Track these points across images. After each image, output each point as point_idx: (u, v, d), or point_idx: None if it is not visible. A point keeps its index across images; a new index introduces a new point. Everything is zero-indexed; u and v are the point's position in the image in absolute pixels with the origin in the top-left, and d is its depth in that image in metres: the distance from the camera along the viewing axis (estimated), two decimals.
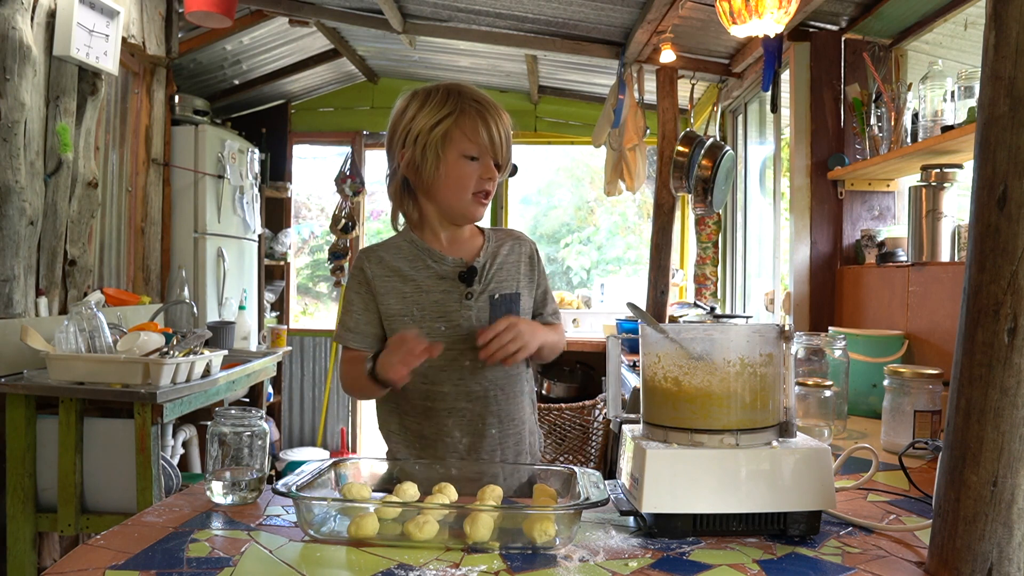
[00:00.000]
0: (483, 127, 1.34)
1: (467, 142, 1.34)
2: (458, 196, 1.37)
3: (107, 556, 0.91)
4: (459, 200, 1.37)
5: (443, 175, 1.35)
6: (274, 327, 4.24)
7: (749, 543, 0.98)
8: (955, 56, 2.48)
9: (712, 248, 4.45)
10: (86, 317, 2.37)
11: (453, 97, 1.35)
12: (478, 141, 1.34)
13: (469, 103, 1.35)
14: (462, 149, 1.34)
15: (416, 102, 1.36)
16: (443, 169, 1.35)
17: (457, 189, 1.36)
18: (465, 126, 1.34)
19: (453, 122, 1.33)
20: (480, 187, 1.36)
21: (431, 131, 1.34)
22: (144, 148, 3.51)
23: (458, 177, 1.35)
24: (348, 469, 1.19)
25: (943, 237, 2.07)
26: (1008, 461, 0.81)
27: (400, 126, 1.37)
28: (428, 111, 1.34)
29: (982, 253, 0.84)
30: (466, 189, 1.36)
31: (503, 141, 1.37)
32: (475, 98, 1.36)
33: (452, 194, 1.37)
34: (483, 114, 1.34)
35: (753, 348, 1.02)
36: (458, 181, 1.35)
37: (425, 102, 1.35)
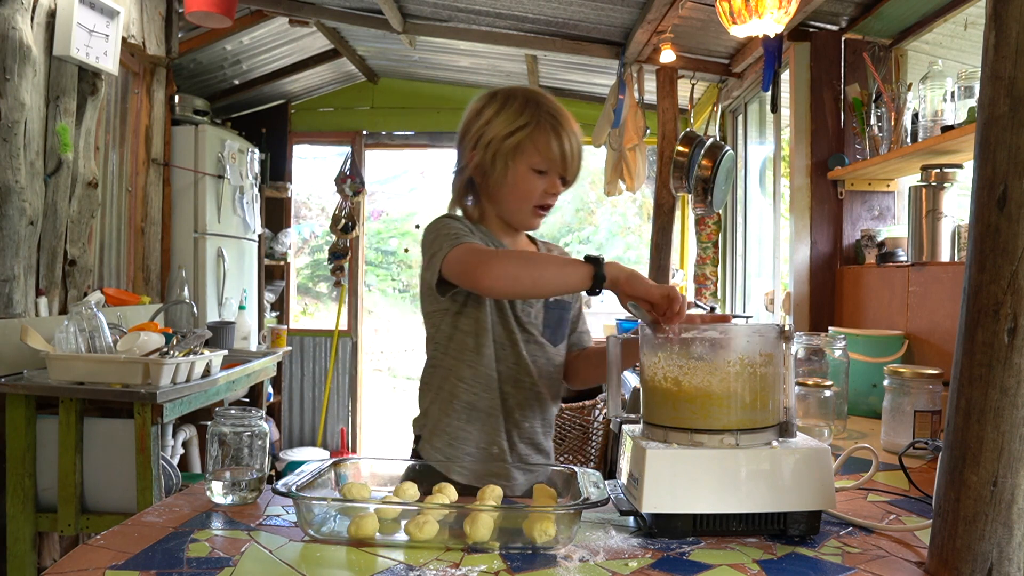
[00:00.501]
0: (556, 142, 1.32)
1: (538, 156, 1.33)
2: (519, 206, 1.37)
3: (107, 556, 0.91)
4: (519, 210, 1.38)
5: (509, 184, 1.35)
6: (274, 327, 4.24)
7: (749, 543, 0.98)
8: (955, 56, 2.48)
9: (712, 248, 4.44)
10: (86, 317, 2.37)
11: (531, 107, 1.34)
12: (549, 156, 1.33)
13: (545, 116, 1.33)
14: (532, 163, 1.34)
15: (493, 106, 1.35)
16: (510, 178, 1.35)
17: (520, 200, 1.36)
18: (538, 140, 1.32)
19: (527, 135, 1.32)
20: (542, 200, 1.36)
21: (504, 140, 1.33)
22: (144, 148, 3.51)
23: (524, 189, 1.35)
24: (348, 469, 1.19)
25: (943, 237, 2.07)
26: (1008, 461, 0.81)
27: (474, 128, 1.36)
28: (504, 118, 1.34)
29: (982, 253, 0.84)
30: (529, 201, 1.36)
31: (574, 157, 1.35)
32: (551, 111, 1.34)
33: (514, 203, 1.37)
34: (557, 129, 1.33)
35: (753, 348, 1.02)
36: (523, 192, 1.35)
37: (502, 108, 1.35)
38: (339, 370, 5.18)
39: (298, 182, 5.34)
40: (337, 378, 5.17)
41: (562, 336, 1.44)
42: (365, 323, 5.41)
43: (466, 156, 1.38)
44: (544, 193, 1.36)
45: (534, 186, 1.35)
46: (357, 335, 5.23)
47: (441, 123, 5.16)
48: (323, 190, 6.90)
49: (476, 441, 1.36)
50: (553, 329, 1.40)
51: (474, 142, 1.36)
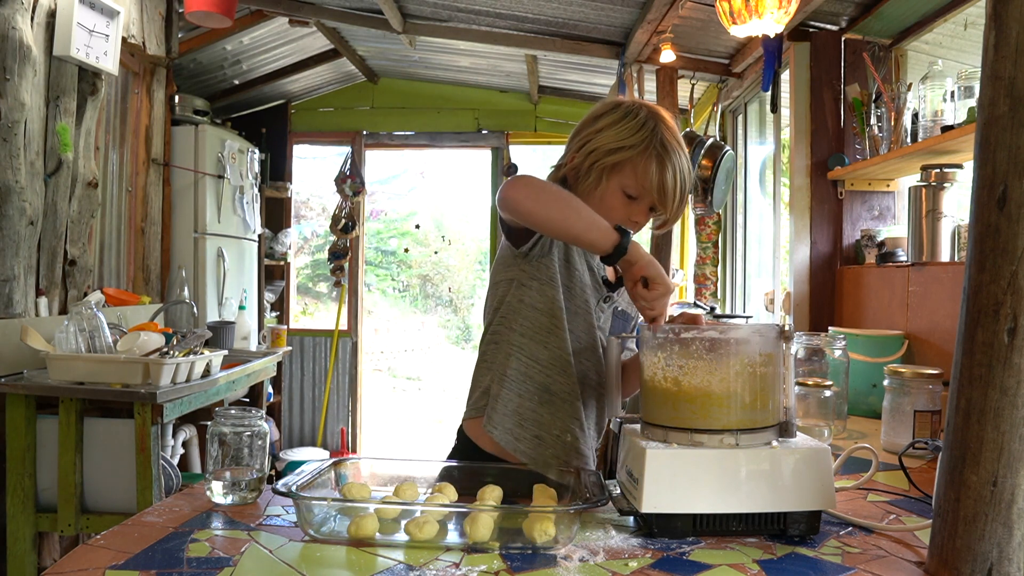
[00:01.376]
0: (657, 172, 1.26)
1: (633, 180, 1.28)
2: None
3: (107, 556, 0.91)
4: None
5: (596, 196, 1.30)
6: (274, 327, 4.23)
7: (749, 543, 0.98)
8: (955, 56, 2.48)
9: (712, 248, 4.44)
10: (86, 317, 2.37)
11: (647, 130, 1.27)
12: (645, 184, 1.27)
13: (657, 143, 1.27)
14: (625, 184, 1.29)
15: (612, 116, 1.31)
16: (599, 192, 1.31)
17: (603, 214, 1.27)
18: (638, 165, 1.27)
19: (630, 156, 1.27)
20: (624, 222, 1.28)
21: (607, 154, 1.29)
22: (144, 148, 3.51)
23: (609, 207, 1.29)
24: (348, 469, 1.19)
25: (943, 237, 2.07)
26: (1008, 461, 0.81)
27: (585, 131, 1.32)
28: (615, 131, 1.29)
29: (982, 253, 0.84)
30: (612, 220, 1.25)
31: (673, 192, 1.28)
32: (665, 140, 1.27)
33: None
34: (663, 159, 1.26)
35: (753, 348, 1.02)
36: (608, 210, 1.27)
37: (619, 121, 1.30)
38: (339, 370, 5.18)
39: (298, 182, 5.34)
40: (337, 378, 5.17)
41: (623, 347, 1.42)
42: (365, 323, 5.41)
43: (569, 155, 1.35)
44: (628, 219, 1.30)
45: (618, 206, 1.30)
46: (357, 335, 5.23)
47: (441, 123, 5.17)
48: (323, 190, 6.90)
49: (549, 426, 1.31)
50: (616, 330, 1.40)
51: (580, 144, 1.32)
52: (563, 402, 1.31)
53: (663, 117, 1.31)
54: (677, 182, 1.28)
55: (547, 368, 1.31)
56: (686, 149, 1.30)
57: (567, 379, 1.31)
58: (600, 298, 1.37)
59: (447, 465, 1.23)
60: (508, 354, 1.32)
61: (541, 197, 1.17)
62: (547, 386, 1.31)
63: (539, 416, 1.30)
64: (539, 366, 1.31)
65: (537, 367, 1.31)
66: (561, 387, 1.31)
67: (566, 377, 1.31)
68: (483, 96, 5.12)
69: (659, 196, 1.28)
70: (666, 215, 1.32)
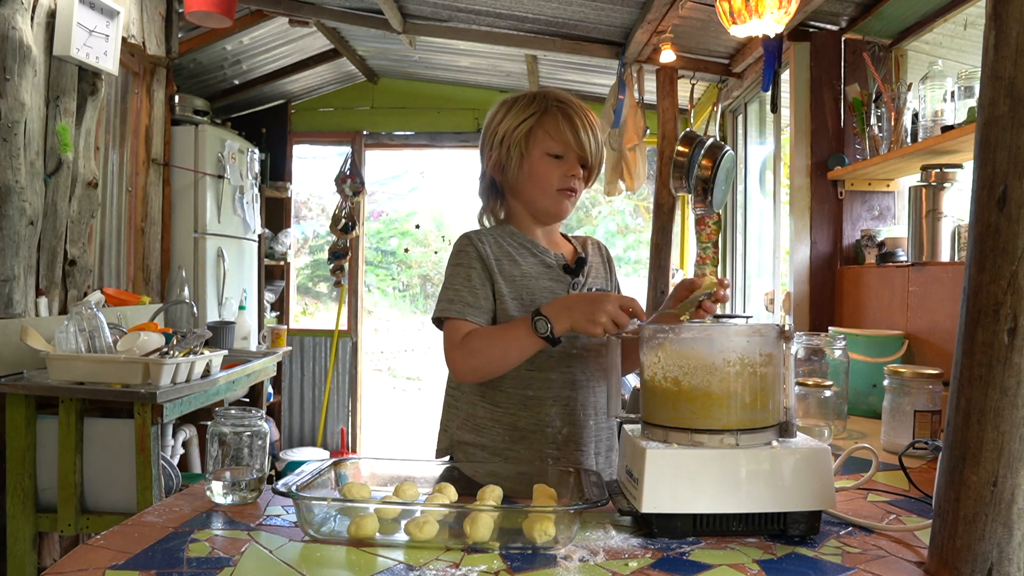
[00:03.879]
0: (567, 125, 1.34)
1: (550, 140, 1.35)
2: (543, 192, 1.38)
3: (107, 556, 0.91)
4: (543, 196, 1.38)
5: (527, 173, 1.37)
6: (274, 327, 4.23)
7: (749, 543, 0.98)
8: (955, 56, 2.48)
9: (712, 248, 4.44)
10: (86, 317, 2.37)
11: (539, 99, 1.38)
12: (561, 139, 1.35)
13: (553, 103, 1.36)
14: (545, 147, 1.36)
15: (505, 107, 1.40)
16: (527, 167, 1.37)
17: (540, 187, 1.38)
18: (548, 124, 1.35)
19: (536, 121, 1.36)
20: (564, 184, 1.37)
21: (515, 130, 1.36)
22: (144, 148, 3.51)
23: (542, 174, 1.37)
24: (348, 469, 1.19)
25: (943, 237, 2.07)
26: (1008, 461, 0.81)
27: (489, 131, 1.41)
28: (514, 113, 1.38)
29: (982, 253, 0.84)
30: (550, 186, 1.37)
31: (589, 140, 1.36)
32: (560, 99, 1.37)
33: (537, 191, 1.38)
34: (567, 112, 1.35)
35: (753, 348, 1.02)
36: (542, 178, 1.37)
37: (512, 106, 1.39)
38: (339, 370, 5.18)
39: (298, 182, 5.34)
40: (337, 378, 5.17)
41: None
42: (365, 323, 5.41)
43: (485, 159, 1.42)
44: (564, 176, 1.36)
45: (551, 169, 1.36)
46: (357, 335, 5.23)
47: (441, 123, 5.17)
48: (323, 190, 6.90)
49: (527, 460, 1.33)
50: None
51: (491, 142, 1.40)
52: (532, 434, 1.34)
53: (553, 89, 1.42)
54: (587, 127, 1.35)
55: (509, 408, 1.34)
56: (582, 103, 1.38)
57: (530, 412, 1.34)
58: (568, 285, 1.39)
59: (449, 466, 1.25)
60: (472, 402, 1.37)
61: (476, 356, 1.27)
62: (514, 424, 1.34)
63: (515, 453, 1.34)
64: (500, 408, 1.35)
65: (499, 410, 1.35)
66: (527, 422, 1.33)
67: (528, 411, 1.34)
68: (483, 96, 5.12)
69: (576, 143, 1.35)
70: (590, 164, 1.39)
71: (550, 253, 1.40)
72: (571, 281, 1.39)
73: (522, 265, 1.37)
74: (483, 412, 1.36)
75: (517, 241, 1.39)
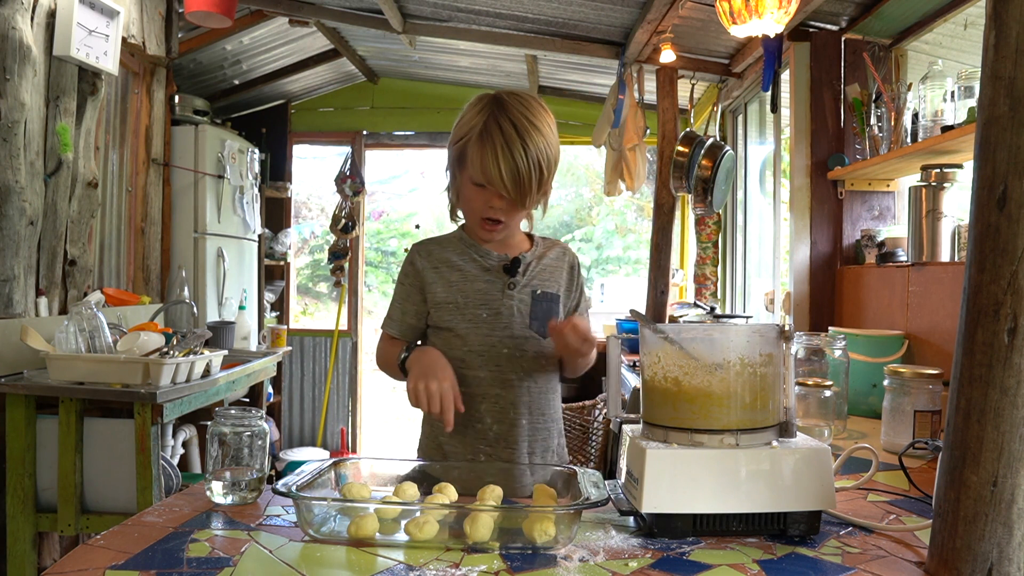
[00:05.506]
0: (489, 154, 1.25)
1: (475, 169, 1.28)
2: (468, 217, 1.39)
3: (107, 556, 0.91)
4: (470, 219, 1.39)
5: (458, 192, 1.38)
6: (274, 327, 4.24)
7: (749, 543, 0.98)
8: (955, 56, 2.48)
9: (712, 248, 4.44)
10: (86, 317, 2.37)
11: (484, 113, 1.28)
12: (482, 169, 1.26)
13: (493, 126, 1.25)
14: (470, 174, 1.30)
15: (460, 115, 1.34)
16: (458, 187, 1.38)
17: (467, 211, 1.38)
18: (473, 150, 1.28)
19: (469, 143, 1.29)
20: (485, 213, 1.32)
21: (454, 145, 1.33)
22: (144, 148, 3.51)
23: (467, 199, 1.35)
24: (348, 469, 1.19)
25: (943, 237, 2.07)
26: (1008, 461, 0.81)
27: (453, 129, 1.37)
28: (463, 121, 1.32)
29: (982, 253, 0.84)
30: (474, 213, 1.35)
31: (516, 177, 1.25)
32: (502, 121, 1.25)
33: (466, 213, 1.39)
34: (492, 139, 1.25)
35: (753, 348, 1.02)
36: (467, 203, 1.35)
37: (465, 112, 1.33)
38: (339, 370, 5.18)
39: (298, 182, 5.34)
40: (337, 378, 5.17)
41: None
42: (365, 323, 5.41)
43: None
44: (484, 206, 1.31)
45: (473, 197, 1.32)
46: (357, 335, 5.23)
47: (441, 123, 5.16)
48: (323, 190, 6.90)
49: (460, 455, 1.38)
50: (541, 321, 1.38)
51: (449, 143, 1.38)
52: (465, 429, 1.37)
53: (512, 97, 1.30)
54: (519, 163, 1.24)
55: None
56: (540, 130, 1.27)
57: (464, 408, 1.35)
58: (504, 284, 1.38)
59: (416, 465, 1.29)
60: None
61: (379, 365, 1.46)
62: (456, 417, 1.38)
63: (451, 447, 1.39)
64: None
65: None
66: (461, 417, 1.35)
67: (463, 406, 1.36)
68: None
69: (496, 176, 1.25)
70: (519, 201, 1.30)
71: (493, 255, 1.39)
72: (507, 280, 1.38)
73: (462, 269, 1.39)
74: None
75: (464, 245, 1.41)
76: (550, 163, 1.29)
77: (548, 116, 1.32)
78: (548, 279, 1.42)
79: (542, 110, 1.31)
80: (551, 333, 1.30)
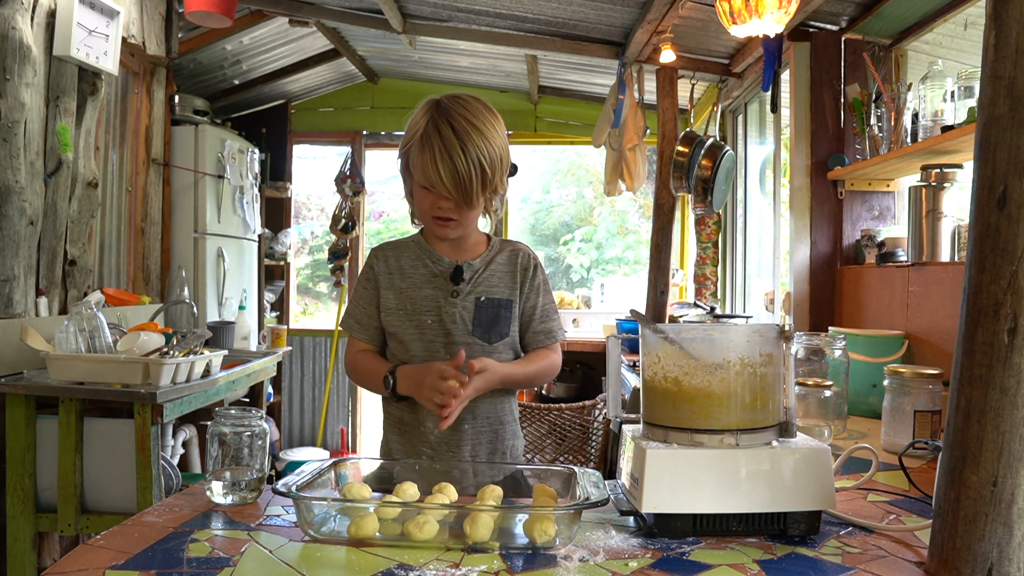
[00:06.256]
0: (429, 158, 1.28)
1: (417, 172, 1.33)
2: (421, 216, 1.41)
3: (107, 556, 0.91)
4: (423, 220, 1.42)
5: (412, 195, 1.41)
6: (274, 327, 4.24)
7: (749, 543, 0.98)
8: (955, 56, 2.48)
9: (712, 248, 4.44)
10: (86, 317, 2.37)
11: (426, 117, 1.32)
12: (424, 172, 1.31)
13: (432, 130, 1.29)
14: (417, 177, 1.34)
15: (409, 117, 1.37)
16: (409, 189, 1.41)
17: (419, 211, 1.41)
18: (415, 154, 1.32)
19: (412, 147, 1.33)
20: (435, 213, 1.35)
21: (403, 147, 1.37)
22: (144, 148, 3.51)
23: (418, 201, 1.38)
24: (348, 469, 1.19)
25: (943, 237, 2.07)
26: (1008, 461, 0.81)
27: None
28: (408, 125, 1.35)
29: (982, 253, 0.84)
30: (424, 213, 1.38)
31: (458, 178, 1.28)
32: (440, 125, 1.29)
33: (418, 213, 1.42)
34: (434, 148, 1.28)
35: (753, 348, 1.02)
36: (419, 204, 1.39)
37: (414, 113, 1.35)
38: (339, 370, 5.18)
39: (298, 182, 5.34)
40: (337, 378, 5.17)
41: (499, 335, 1.40)
42: None
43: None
44: (432, 210, 1.35)
45: (423, 199, 1.36)
46: None
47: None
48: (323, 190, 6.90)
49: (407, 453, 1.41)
50: (485, 328, 1.39)
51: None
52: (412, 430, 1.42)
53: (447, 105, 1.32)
54: (459, 167, 1.27)
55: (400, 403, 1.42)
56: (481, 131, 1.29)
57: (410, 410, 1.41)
58: (448, 292, 1.40)
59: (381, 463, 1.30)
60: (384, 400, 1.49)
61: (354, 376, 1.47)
62: (400, 418, 1.44)
63: (399, 446, 1.44)
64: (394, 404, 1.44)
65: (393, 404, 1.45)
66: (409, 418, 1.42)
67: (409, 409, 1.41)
68: (483, 96, 5.10)
69: (436, 179, 1.29)
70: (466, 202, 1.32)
71: (444, 262, 1.41)
72: (451, 288, 1.40)
73: (411, 276, 1.42)
74: (385, 405, 1.48)
75: (419, 251, 1.44)
76: (493, 162, 1.31)
77: (492, 117, 1.35)
78: (496, 284, 1.42)
79: (485, 111, 1.34)
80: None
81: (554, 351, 1.47)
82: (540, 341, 1.45)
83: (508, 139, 1.40)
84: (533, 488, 1.13)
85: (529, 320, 1.45)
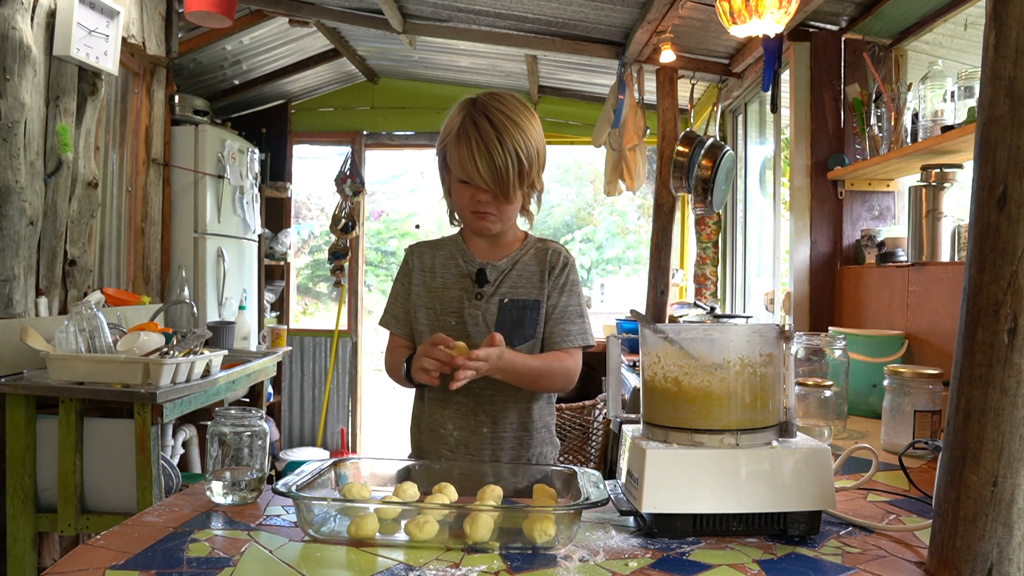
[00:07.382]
0: (466, 151, 1.29)
1: (456, 166, 1.34)
2: (461, 213, 1.41)
3: (107, 556, 0.91)
4: (463, 216, 1.41)
5: (451, 192, 1.41)
6: (274, 327, 4.23)
7: (749, 543, 0.98)
8: (955, 56, 2.48)
9: (712, 248, 4.44)
10: (86, 317, 2.37)
11: (463, 113, 1.33)
12: (463, 166, 1.31)
13: (469, 124, 1.30)
14: (456, 172, 1.35)
15: (446, 116, 1.38)
16: (449, 187, 1.41)
17: (459, 207, 1.40)
18: (453, 149, 1.33)
19: (449, 143, 1.35)
20: (474, 208, 1.36)
21: (440, 144, 1.38)
22: (144, 148, 3.51)
23: (457, 197, 1.39)
24: (348, 469, 1.19)
25: (943, 237, 2.07)
26: (1008, 461, 0.81)
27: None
28: (446, 124, 1.37)
29: (982, 253, 0.84)
30: (464, 208, 1.38)
31: (495, 170, 1.29)
32: (478, 119, 1.30)
33: (459, 210, 1.41)
34: (468, 136, 1.29)
35: (753, 348, 1.02)
36: (458, 201, 1.39)
37: (450, 112, 1.37)
38: (339, 370, 5.18)
39: (298, 182, 5.34)
40: (337, 378, 5.17)
41: (523, 337, 1.38)
42: (365, 323, 5.41)
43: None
44: (472, 200, 1.35)
45: (462, 196, 1.36)
46: (357, 335, 5.23)
47: (441, 123, 5.15)
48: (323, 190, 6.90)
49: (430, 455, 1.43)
50: (508, 331, 1.35)
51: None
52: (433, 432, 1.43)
53: (484, 100, 1.33)
54: (497, 159, 1.28)
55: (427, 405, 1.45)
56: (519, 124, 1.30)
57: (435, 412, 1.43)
58: (473, 295, 1.40)
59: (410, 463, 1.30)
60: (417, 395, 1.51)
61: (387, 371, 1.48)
62: (428, 419, 1.45)
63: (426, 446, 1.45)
64: (422, 403, 1.47)
65: (421, 404, 1.47)
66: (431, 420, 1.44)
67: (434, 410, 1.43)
68: None
69: (474, 172, 1.30)
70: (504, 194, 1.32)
71: (476, 262, 1.42)
72: (476, 291, 1.40)
73: (442, 276, 1.43)
74: (417, 405, 1.50)
75: (455, 249, 1.44)
76: (530, 155, 1.32)
77: (528, 112, 1.35)
78: (523, 285, 1.41)
79: (522, 107, 1.35)
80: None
81: (569, 355, 1.39)
82: (555, 343, 1.40)
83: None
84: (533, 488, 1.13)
85: (548, 320, 1.41)
